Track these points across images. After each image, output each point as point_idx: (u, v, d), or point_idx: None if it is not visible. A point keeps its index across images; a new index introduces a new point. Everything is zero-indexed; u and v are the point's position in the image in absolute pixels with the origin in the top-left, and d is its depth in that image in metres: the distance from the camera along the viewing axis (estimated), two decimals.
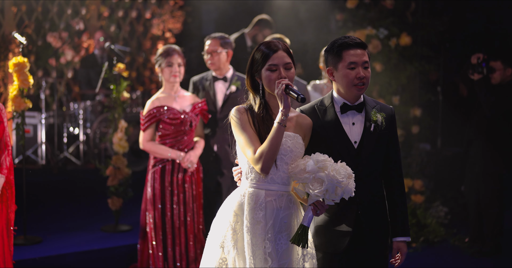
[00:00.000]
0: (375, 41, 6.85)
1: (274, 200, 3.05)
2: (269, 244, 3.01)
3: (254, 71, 3.12)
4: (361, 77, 3.16)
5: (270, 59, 3.06)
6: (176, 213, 4.99)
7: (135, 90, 9.78)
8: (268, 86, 3.08)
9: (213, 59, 5.25)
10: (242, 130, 3.05)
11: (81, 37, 10.04)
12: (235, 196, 3.13)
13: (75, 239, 5.85)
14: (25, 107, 5.45)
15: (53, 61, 9.31)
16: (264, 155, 2.95)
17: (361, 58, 3.16)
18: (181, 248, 4.99)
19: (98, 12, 10.34)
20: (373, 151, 3.21)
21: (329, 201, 2.96)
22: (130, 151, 7.76)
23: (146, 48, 10.94)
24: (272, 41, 3.14)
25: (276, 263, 3.00)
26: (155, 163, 5.01)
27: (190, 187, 5.05)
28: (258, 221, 3.01)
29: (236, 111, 3.10)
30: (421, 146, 7.35)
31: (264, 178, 3.04)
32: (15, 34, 5.66)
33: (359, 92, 3.20)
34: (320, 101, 3.31)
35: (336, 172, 2.92)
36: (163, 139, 4.97)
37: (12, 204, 3.97)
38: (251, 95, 3.18)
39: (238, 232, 3.05)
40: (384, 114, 3.24)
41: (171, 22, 10.96)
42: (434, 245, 6.44)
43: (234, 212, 3.07)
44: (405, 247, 3.30)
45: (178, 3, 11.05)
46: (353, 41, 3.18)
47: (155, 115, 4.91)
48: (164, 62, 4.93)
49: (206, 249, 3.17)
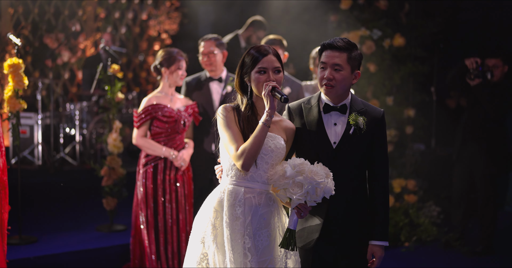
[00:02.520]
0: (369, 42, 6.89)
1: (253, 197, 3.12)
2: (249, 239, 3.06)
3: (243, 73, 3.20)
4: (327, 78, 3.21)
5: (260, 62, 3.14)
6: (169, 211, 5.02)
7: (131, 91, 9.83)
8: (257, 88, 3.15)
9: (210, 60, 5.31)
10: (227, 127, 3.12)
11: (77, 39, 10.08)
12: (215, 193, 3.20)
13: (70, 239, 5.88)
14: (20, 108, 5.49)
15: (49, 62, 9.35)
16: (246, 152, 3.02)
17: (332, 60, 3.21)
18: (173, 247, 5.03)
19: (95, 14, 10.38)
20: (350, 152, 3.25)
21: (312, 202, 3.02)
22: (126, 151, 7.81)
23: (142, 49, 10.98)
24: (263, 46, 3.22)
25: (255, 258, 3.05)
26: (146, 162, 5.04)
27: (182, 186, 5.09)
28: (237, 217, 3.07)
29: (222, 109, 3.18)
30: (415, 146, 7.38)
31: (244, 176, 3.11)
32: (10, 35, 5.69)
33: (328, 93, 3.25)
34: (308, 100, 3.37)
35: (314, 174, 2.98)
36: (155, 137, 5.01)
37: (6, 205, 3.99)
38: (239, 96, 3.26)
39: (218, 228, 3.11)
40: (366, 118, 3.25)
41: (167, 23, 11.01)
42: (426, 245, 6.47)
43: (214, 208, 3.14)
44: (379, 251, 3.27)
45: (174, 5, 11.10)
46: (329, 43, 3.24)
47: (151, 113, 4.96)
48: (174, 65, 4.98)
49: (189, 246, 3.23)
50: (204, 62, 5.36)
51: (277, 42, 5.90)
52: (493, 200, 6.27)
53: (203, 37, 5.43)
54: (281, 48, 5.75)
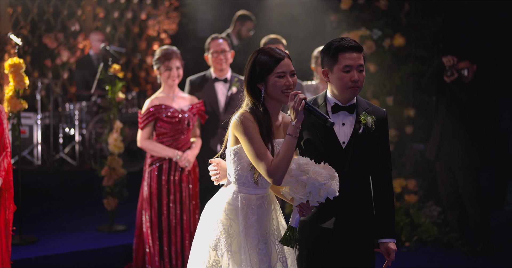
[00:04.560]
0: (369, 42, 6.89)
1: (262, 202, 3.16)
2: (264, 245, 3.10)
3: (257, 78, 3.11)
4: (355, 80, 3.20)
5: (278, 67, 3.08)
6: (173, 212, 5.01)
7: (130, 91, 9.81)
8: (275, 93, 3.09)
9: (226, 57, 5.36)
10: (253, 140, 3.04)
11: (76, 38, 10.07)
12: (224, 197, 3.18)
13: (70, 239, 5.88)
14: (21, 108, 5.48)
15: (48, 62, 9.34)
16: (280, 168, 3.00)
17: (356, 62, 3.20)
18: (177, 247, 5.02)
19: (94, 13, 10.37)
20: (360, 152, 3.26)
21: (314, 202, 3.03)
22: (126, 151, 7.80)
23: (141, 49, 10.97)
24: (274, 49, 3.15)
25: (269, 263, 3.10)
26: (152, 162, 5.03)
27: (186, 186, 5.07)
28: (251, 225, 3.10)
29: (244, 118, 3.07)
30: (414, 146, 7.38)
31: (255, 185, 3.13)
32: (11, 35, 5.68)
33: (353, 94, 3.25)
34: (314, 100, 3.36)
35: (318, 175, 2.98)
36: (160, 138, 5.00)
37: (11, 205, 4.00)
38: (248, 100, 3.16)
39: (232, 236, 3.11)
40: (374, 117, 3.28)
41: (166, 23, 11.00)
42: (427, 245, 6.48)
43: (227, 215, 3.13)
44: (393, 246, 3.32)
45: (173, 4, 11.09)
46: (349, 44, 3.21)
47: (153, 114, 4.94)
48: (163, 66, 4.96)
49: (195, 250, 3.21)
50: (217, 60, 5.37)
51: (278, 41, 5.91)
52: (478, 196, 6.25)
53: (213, 36, 5.46)
54: (282, 47, 5.76)
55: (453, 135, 6.29)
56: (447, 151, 6.33)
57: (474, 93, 6.13)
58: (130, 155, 8.23)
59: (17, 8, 9.45)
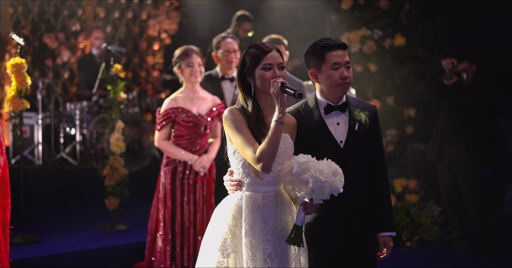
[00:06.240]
0: (369, 42, 6.90)
1: (271, 201, 3.11)
2: (269, 245, 3.06)
3: (246, 72, 3.14)
4: (345, 77, 3.24)
5: (264, 59, 3.10)
6: (186, 212, 4.97)
7: (131, 91, 9.83)
8: (262, 85, 3.10)
9: (235, 57, 5.40)
10: (239, 131, 3.05)
11: (77, 38, 10.08)
12: (231, 199, 3.17)
13: (72, 239, 5.88)
14: (23, 107, 5.48)
15: (49, 62, 9.35)
16: (266, 154, 2.97)
17: (344, 59, 3.25)
18: (189, 248, 4.97)
19: (94, 13, 10.38)
20: (359, 149, 3.28)
21: (318, 200, 3.01)
22: (127, 151, 7.81)
23: (142, 49, 10.99)
24: (262, 43, 3.19)
25: (275, 264, 3.06)
26: (167, 163, 4.99)
27: (201, 188, 5.03)
28: (257, 223, 3.07)
29: (230, 113, 3.10)
30: (415, 146, 7.40)
31: (260, 181, 3.09)
32: (13, 35, 5.68)
33: (344, 91, 3.28)
34: (305, 103, 3.37)
35: (319, 172, 2.96)
36: (177, 140, 4.95)
37: (8, 204, 3.98)
38: (241, 97, 3.18)
39: (238, 236, 3.09)
40: (368, 113, 3.32)
41: (167, 23, 11.02)
42: (428, 244, 6.49)
43: (232, 216, 3.11)
44: (390, 241, 3.35)
45: (173, 4, 11.11)
46: (334, 43, 3.26)
47: (170, 116, 4.90)
48: (184, 63, 4.93)
49: (203, 252, 3.19)
50: (229, 58, 5.38)
51: (279, 41, 5.92)
52: (479, 196, 6.27)
53: (222, 35, 5.48)
54: (283, 47, 5.77)
55: (454, 135, 6.31)
56: (448, 151, 6.35)
57: (474, 93, 6.15)
58: (130, 154, 8.24)
59: (17, 8, 9.46)
